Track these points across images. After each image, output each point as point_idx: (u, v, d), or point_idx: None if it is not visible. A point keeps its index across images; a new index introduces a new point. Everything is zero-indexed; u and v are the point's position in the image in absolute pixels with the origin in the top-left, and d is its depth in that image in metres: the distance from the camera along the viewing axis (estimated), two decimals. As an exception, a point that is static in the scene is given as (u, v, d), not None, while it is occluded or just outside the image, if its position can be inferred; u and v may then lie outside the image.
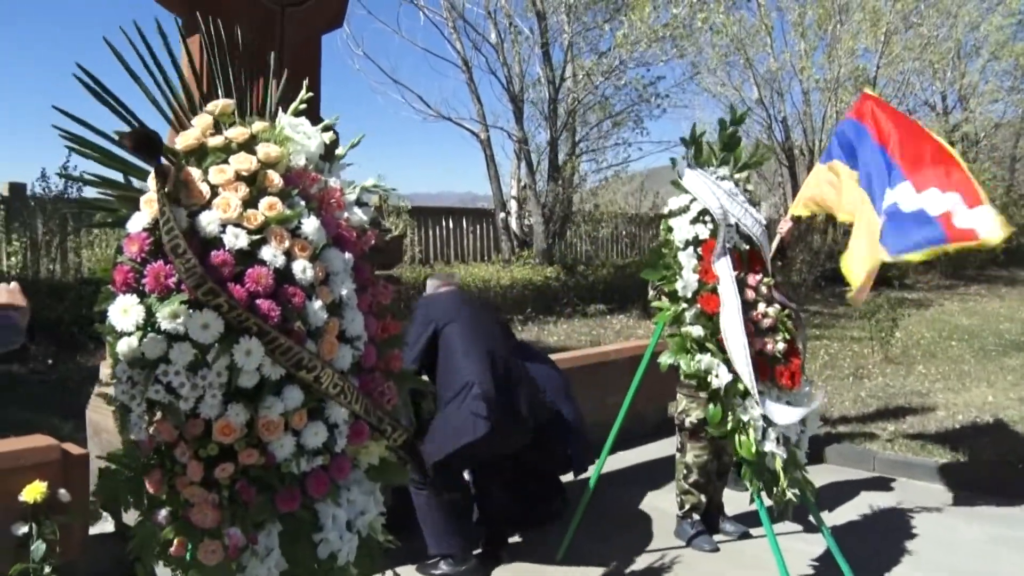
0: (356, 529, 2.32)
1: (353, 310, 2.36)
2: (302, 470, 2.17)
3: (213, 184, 2.13)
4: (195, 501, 2.09)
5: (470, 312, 4.31)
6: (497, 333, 4.37)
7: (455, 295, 4.47)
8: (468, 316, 4.24)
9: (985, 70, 23.11)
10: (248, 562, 2.11)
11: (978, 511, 5.21)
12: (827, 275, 16.80)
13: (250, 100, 2.37)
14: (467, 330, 4.14)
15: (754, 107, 18.98)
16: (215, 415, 2.04)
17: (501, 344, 4.27)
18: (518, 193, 15.23)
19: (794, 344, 3.82)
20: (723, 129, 4.04)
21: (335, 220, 2.36)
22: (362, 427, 2.34)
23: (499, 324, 4.61)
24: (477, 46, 14.43)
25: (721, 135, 4.03)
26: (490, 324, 4.40)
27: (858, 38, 18.99)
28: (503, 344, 4.31)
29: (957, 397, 7.87)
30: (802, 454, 3.80)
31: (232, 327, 2.04)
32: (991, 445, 6.13)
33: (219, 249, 2.09)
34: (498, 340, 4.27)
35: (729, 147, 3.97)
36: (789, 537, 4.58)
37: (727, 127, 4.03)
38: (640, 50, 14.44)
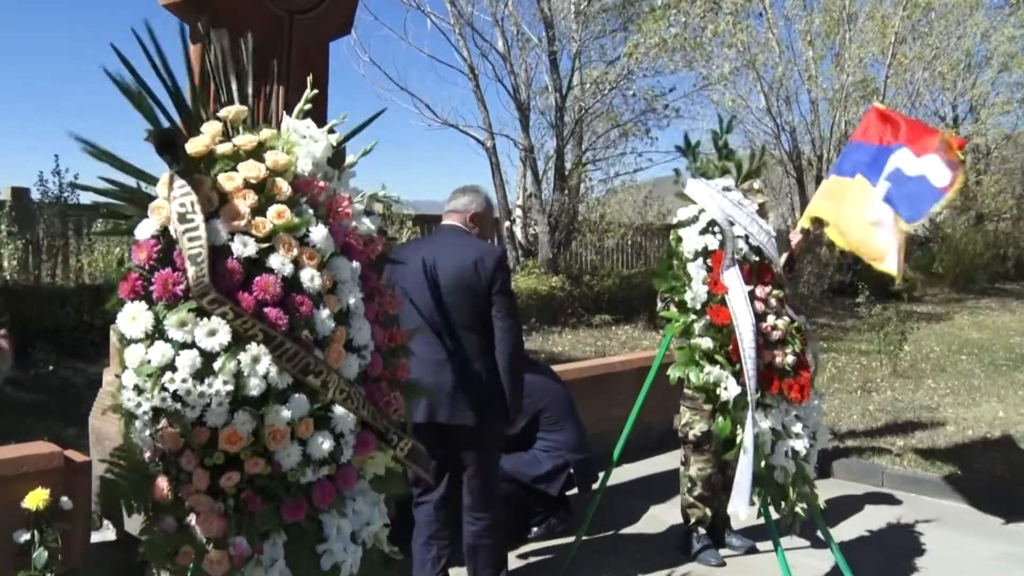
0: (361, 540, 2.30)
1: (360, 319, 2.35)
2: (308, 480, 2.16)
3: (221, 191, 2.12)
4: (201, 510, 2.07)
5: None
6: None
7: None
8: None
9: (996, 82, 23.06)
10: (252, 572, 2.10)
11: (988, 528, 5.16)
12: (835, 287, 16.76)
13: (258, 107, 2.36)
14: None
15: (762, 117, 18.96)
16: (221, 423, 2.03)
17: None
18: (524, 202, 15.21)
19: (803, 357, 3.79)
20: (716, 139, 4.03)
21: (343, 228, 2.35)
22: (368, 437, 2.32)
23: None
24: (484, 53, 14.43)
25: (715, 145, 4.02)
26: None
27: (866, 47, 18.97)
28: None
29: (967, 412, 7.82)
30: (811, 468, 3.76)
31: (239, 335, 2.03)
32: (1001, 461, 6.08)
33: (227, 257, 2.08)
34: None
35: (726, 157, 3.96)
36: (797, 552, 4.55)
37: (719, 137, 4.03)
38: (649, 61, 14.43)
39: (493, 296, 3.62)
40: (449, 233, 3.83)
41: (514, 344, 3.66)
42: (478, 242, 3.79)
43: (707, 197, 3.79)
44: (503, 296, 3.65)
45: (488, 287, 3.61)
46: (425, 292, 3.61)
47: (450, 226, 3.85)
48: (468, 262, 3.62)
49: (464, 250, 3.68)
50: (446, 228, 3.86)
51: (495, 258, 3.67)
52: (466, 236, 3.80)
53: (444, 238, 3.82)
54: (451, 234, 3.82)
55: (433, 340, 3.58)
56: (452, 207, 3.88)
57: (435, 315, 3.61)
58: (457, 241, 3.76)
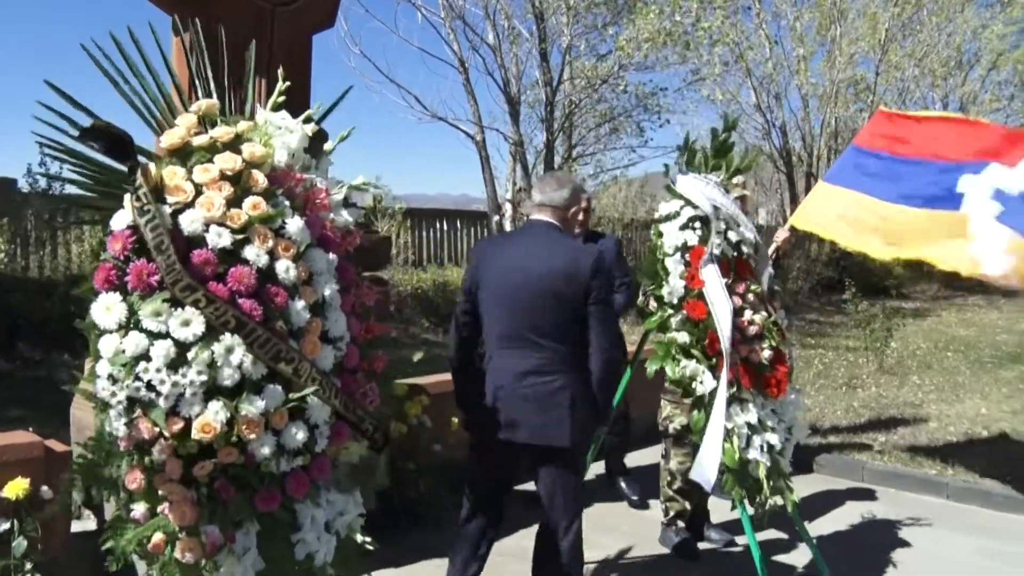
0: (335, 530, 2.32)
1: (336, 311, 2.36)
2: (282, 470, 2.17)
3: (197, 183, 2.13)
4: (173, 498, 2.09)
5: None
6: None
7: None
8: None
9: (985, 79, 23.18)
10: (225, 561, 2.11)
11: (968, 523, 5.21)
12: (823, 283, 16.82)
13: (237, 99, 2.37)
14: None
15: (752, 113, 19.01)
16: (195, 413, 2.04)
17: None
18: (513, 196, 15.22)
19: (781, 352, 3.82)
20: (715, 137, 4.05)
21: (319, 220, 2.37)
22: (343, 428, 2.34)
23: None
24: (475, 47, 14.43)
25: (713, 142, 4.04)
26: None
27: (857, 44, 19.04)
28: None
29: (950, 408, 7.87)
30: (786, 462, 3.79)
31: (212, 325, 2.05)
32: (983, 457, 6.13)
33: (202, 248, 2.09)
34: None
35: (721, 153, 3.98)
36: (774, 546, 4.59)
37: (719, 135, 4.05)
38: (640, 56, 14.45)
39: (589, 306, 3.19)
40: (540, 231, 3.36)
41: (609, 361, 3.25)
42: (571, 243, 3.41)
43: (697, 192, 3.81)
44: (601, 306, 3.22)
45: (584, 296, 3.19)
46: (509, 297, 3.23)
47: (543, 223, 3.37)
48: (559, 266, 3.21)
49: (555, 252, 3.26)
50: (537, 225, 3.39)
51: (592, 262, 3.21)
52: (559, 235, 3.36)
53: (534, 237, 3.35)
54: (542, 232, 3.36)
55: (517, 350, 3.21)
56: (546, 200, 3.37)
57: (521, 323, 3.21)
58: (548, 241, 3.32)
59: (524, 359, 3.21)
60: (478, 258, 3.38)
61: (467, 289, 3.35)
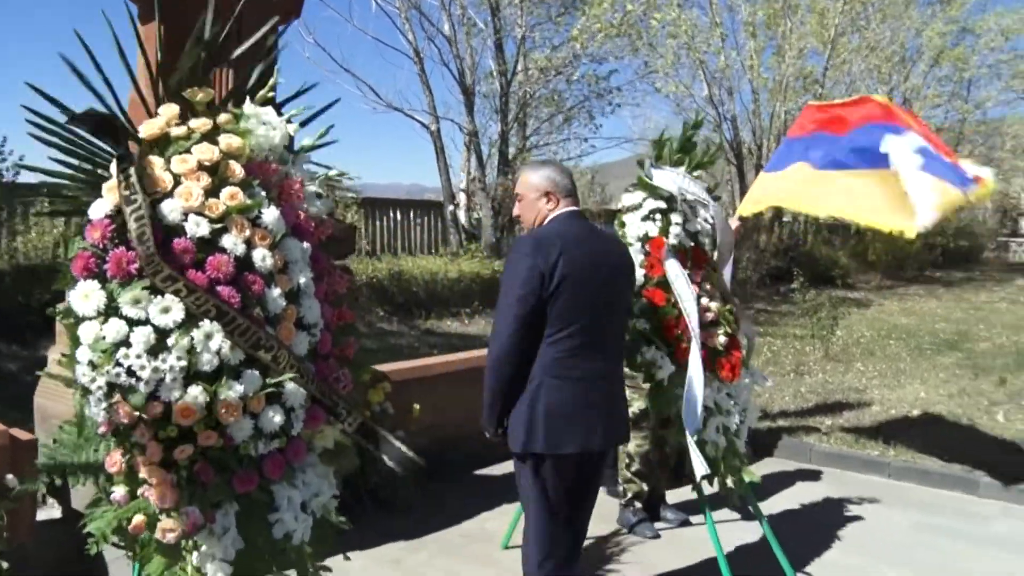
0: (310, 510, 2.39)
1: (310, 298, 2.43)
2: (259, 452, 2.24)
3: (175, 173, 2.18)
4: (154, 481, 2.14)
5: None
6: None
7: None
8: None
9: (928, 75, 23.78)
10: (205, 541, 2.18)
11: (906, 500, 5.44)
12: (772, 273, 17.15)
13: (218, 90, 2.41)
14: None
15: (704, 106, 19.28)
16: (175, 398, 2.10)
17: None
18: (467, 186, 15.30)
19: (735, 338, 3.96)
20: (684, 132, 4.18)
21: (294, 210, 2.43)
22: (318, 412, 2.41)
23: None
24: (430, 37, 14.46)
25: (680, 138, 4.17)
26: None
27: (806, 39, 19.40)
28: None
29: (892, 393, 8.14)
30: (741, 443, 3.94)
31: (192, 312, 2.10)
32: (921, 439, 6.38)
33: (181, 237, 2.14)
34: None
35: (686, 149, 4.11)
36: (728, 525, 4.74)
37: (688, 130, 4.17)
38: (595, 46, 14.59)
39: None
40: (585, 223, 3.11)
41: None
42: (611, 234, 3.36)
43: (672, 183, 3.93)
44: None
45: (631, 288, 3.23)
46: (589, 297, 2.92)
47: (579, 213, 3.12)
48: (620, 261, 3.11)
49: (611, 245, 3.13)
50: (579, 217, 3.10)
51: (629, 254, 3.23)
52: (596, 226, 3.24)
53: (589, 231, 3.07)
54: (587, 224, 3.12)
55: (593, 351, 2.95)
56: (567, 189, 3.08)
57: (599, 321, 2.96)
58: (599, 233, 3.15)
59: (597, 360, 2.97)
60: (558, 252, 2.85)
61: (535, 289, 2.82)
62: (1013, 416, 7.20)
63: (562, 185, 3.07)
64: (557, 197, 3.06)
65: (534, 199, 3.09)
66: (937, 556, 4.54)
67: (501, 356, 2.90)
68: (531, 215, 3.13)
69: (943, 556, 4.54)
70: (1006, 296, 18.59)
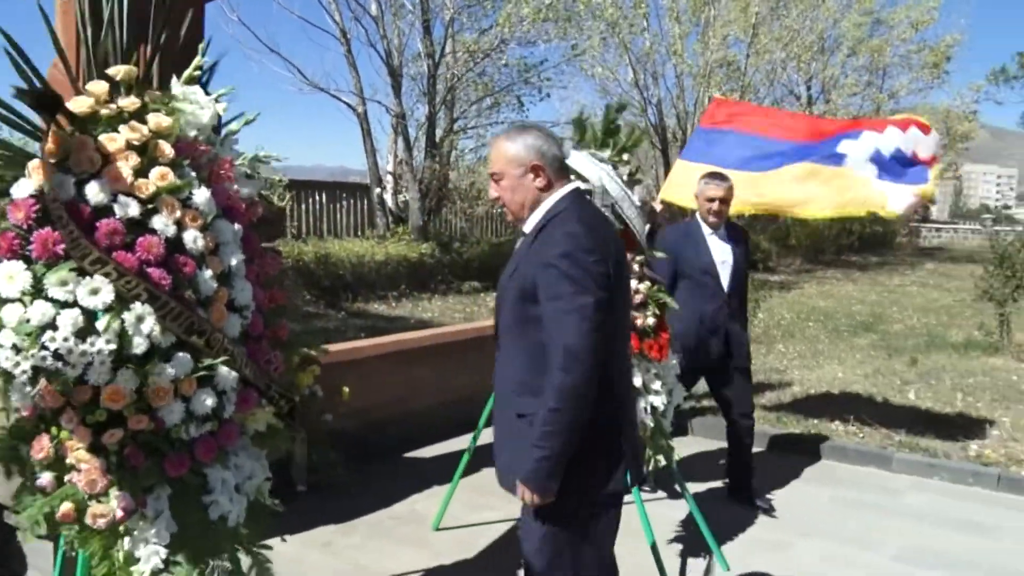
0: (244, 493, 2.37)
1: (242, 280, 2.41)
2: (191, 436, 2.22)
3: (104, 152, 2.13)
4: (82, 467, 2.11)
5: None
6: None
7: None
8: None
9: (845, 64, 24.46)
10: (136, 525, 2.15)
11: (826, 476, 5.64)
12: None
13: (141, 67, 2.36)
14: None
15: (629, 90, 19.49)
16: (104, 381, 2.06)
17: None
18: (394, 168, 15.20)
19: (662, 319, 4.04)
20: (607, 116, 4.21)
21: (225, 191, 2.40)
22: (250, 394, 2.39)
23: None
24: (357, 17, 14.29)
25: (604, 121, 4.21)
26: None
27: (729, 26, 19.75)
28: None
29: (811, 373, 8.41)
30: (667, 423, 4.03)
31: (122, 294, 2.06)
32: (839, 417, 6.62)
33: (109, 217, 2.10)
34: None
35: (610, 133, 4.15)
36: (656, 503, 4.87)
37: (611, 114, 4.21)
38: (523, 30, 14.60)
39: None
40: (594, 204, 2.92)
41: None
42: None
43: (588, 166, 3.96)
44: None
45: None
46: (624, 304, 2.65)
47: (584, 193, 2.82)
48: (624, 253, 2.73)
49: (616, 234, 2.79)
50: (585, 197, 2.79)
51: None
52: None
53: (604, 217, 2.86)
54: (597, 207, 2.94)
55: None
56: (557, 160, 2.55)
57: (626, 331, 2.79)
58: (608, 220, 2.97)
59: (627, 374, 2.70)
60: (612, 246, 2.47)
61: (607, 285, 2.36)
62: (923, 395, 7.51)
63: (551, 156, 2.52)
64: (547, 173, 2.51)
65: (518, 176, 2.51)
66: (854, 529, 4.72)
67: (584, 383, 2.25)
68: (519, 198, 2.53)
69: (860, 529, 4.73)
70: (917, 280, 19.33)
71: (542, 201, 2.51)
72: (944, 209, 78.61)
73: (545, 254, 2.36)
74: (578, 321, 2.26)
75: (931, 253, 29.03)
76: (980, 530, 4.74)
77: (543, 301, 2.35)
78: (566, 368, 2.25)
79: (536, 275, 2.37)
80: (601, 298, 2.30)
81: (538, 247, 2.42)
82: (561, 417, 2.26)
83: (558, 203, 2.49)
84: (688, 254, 4.89)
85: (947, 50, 25.44)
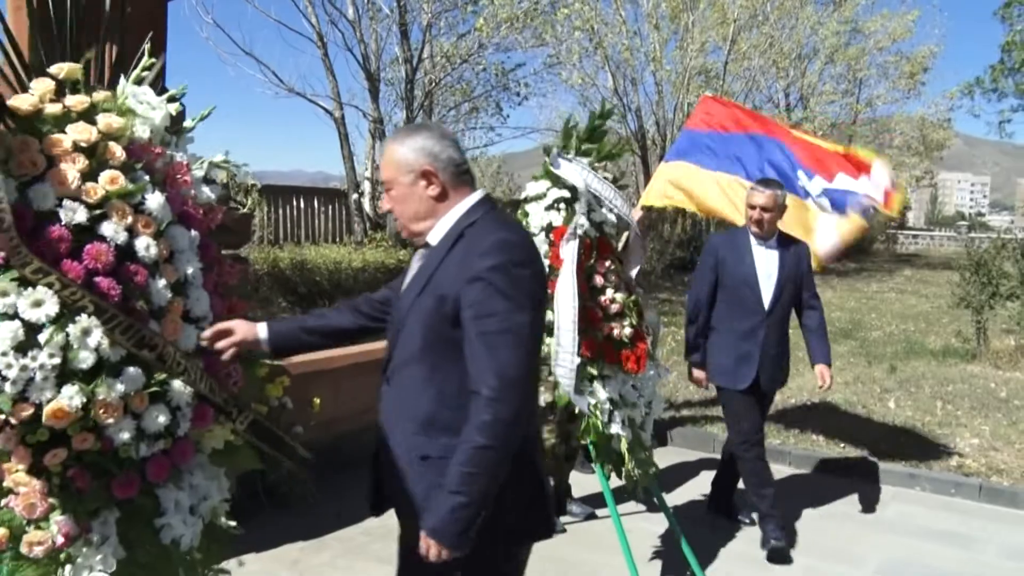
0: (199, 514, 2.24)
1: (198, 289, 2.28)
2: (141, 455, 2.09)
3: (48, 154, 2.00)
4: (21, 490, 1.97)
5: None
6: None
7: None
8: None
9: (823, 72, 24.60)
10: (80, 552, 2.01)
11: (808, 487, 5.56)
12: (675, 263, 17.44)
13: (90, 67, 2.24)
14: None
15: (609, 96, 19.48)
16: (46, 399, 1.93)
17: None
18: (372, 174, 15.06)
19: (640, 329, 3.95)
20: (591, 122, 4.12)
21: (181, 196, 2.27)
22: (206, 410, 2.26)
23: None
24: (333, 21, 14.15)
25: (588, 127, 4.11)
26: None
27: (708, 33, 19.79)
28: None
29: (791, 382, 8.27)
30: (647, 436, 3.94)
31: (67, 306, 1.93)
32: (820, 427, 6.55)
33: (54, 224, 1.97)
34: None
35: (593, 139, 4.06)
36: (633, 517, 4.76)
37: (595, 120, 4.12)
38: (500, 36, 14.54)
39: None
40: (509, 215, 2.61)
41: None
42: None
43: (578, 175, 3.86)
44: None
45: None
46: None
47: (494, 201, 2.43)
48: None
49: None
50: (496, 206, 2.41)
51: None
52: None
53: (521, 228, 2.53)
54: (510, 216, 2.78)
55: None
56: (454, 163, 2.26)
57: None
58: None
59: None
60: (535, 256, 2.25)
61: (539, 302, 2.21)
62: (903, 403, 7.47)
63: (445, 159, 2.22)
64: (441, 179, 2.22)
65: (408, 184, 2.23)
66: (836, 542, 4.65)
67: (519, 415, 2.04)
68: (411, 209, 2.26)
69: (841, 542, 4.66)
70: (895, 286, 19.39)
71: (439, 212, 2.22)
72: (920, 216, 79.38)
73: (471, 266, 2.07)
74: (514, 343, 2.01)
75: (908, 260, 29.17)
76: (963, 542, 4.68)
77: (468, 320, 2.05)
78: (500, 398, 1.98)
79: (461, 291, 2.07)
80: (535, 317, 2.09)
81: (458, 259, 2.13)
82: (490, 456, 1.99)
83: (471, 211, 2.21)
84: (729, 263, 4.53)
85: (924, 61, 25.66)
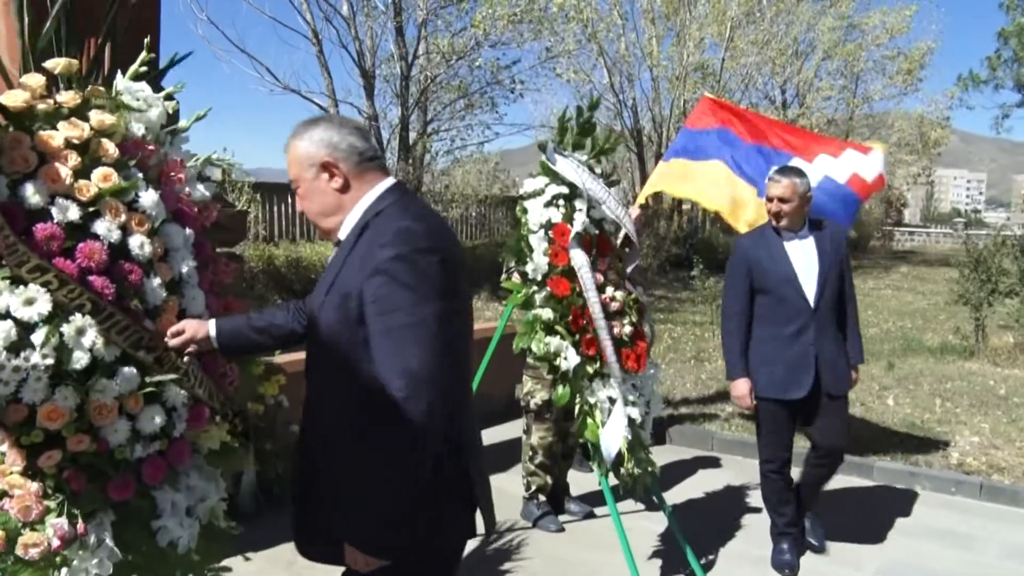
0: (196, 516, 2.22)
1: (194, 288, 2.26)
2: (137, 456, 2.06)
3: (40, 151, 1.97)
4: (16, 493, 1.94)
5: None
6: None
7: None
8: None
9: (819, 69, 24.58)
10: (76, 555, 1.98)
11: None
12: (672, 260, 17.42)
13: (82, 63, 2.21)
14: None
15: (605, 93, 19.44)
16: (40, 400, 1.90)
17: None
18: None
19: (640, 328, 3.92)
20: (579, 115, 4.08)
21: (175, 194, 2.25)
22: (202, 411, 2.24)
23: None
24: (328, 18, 14.11)
25: (577, 121, 4.07)
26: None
27: (705, 29, 19.76)
28: None
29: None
30: (646, 435, 3.91)
31: (62, 305, 1.90)
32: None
33: (46, 222, 1.94)
34: None
35: (584, 133, 4.02)
36: (632, 516, 4.74)
37: (583, 113, 4.08)
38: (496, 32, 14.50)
39: None
40: (422, 201, 2.42)
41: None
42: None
43: (574, 172, 3.83)
44: None
45: None
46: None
47: (408, 189, 2.36)
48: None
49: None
50: (411, 194, 2.33)
51: None
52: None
53: (438, 216, 2.37)
54: (426, 203, 2.46)
55: None
56: (358, 152, 2.14)
57: None
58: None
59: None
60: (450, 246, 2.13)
61: (451, 291, 2.05)
62: (901, 400, 7.45)
63: (346, 147, 2.10)
64: (343, 170, 2.09)
65: (311, 179, 2.11)
66: (836, 543, 4.61)
67: (434, 413, 1.89)
68: (317, 205, 2.13)
69: (842, 543, 4.62)
70: (891, 283, 19.39)
71: (346, 205, 2.10)
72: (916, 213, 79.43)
73: (372, 259, 1.94)
74: (422, 337, 1.87)
75: (904, 256, 29.19)
76: (964, 542, 4.66)
77: (372, 317, 1.91)
78: (411, 396, 1.85)
79: (363, 285, 1.94)
80: (446, 307, 1.93)
81: (362, 251, 1.99)
82: (406, 458, 1.87)
83: (378, 200, 2.08)
84: (763, 263, 4.15)
85: (921, 58, 25.64)
